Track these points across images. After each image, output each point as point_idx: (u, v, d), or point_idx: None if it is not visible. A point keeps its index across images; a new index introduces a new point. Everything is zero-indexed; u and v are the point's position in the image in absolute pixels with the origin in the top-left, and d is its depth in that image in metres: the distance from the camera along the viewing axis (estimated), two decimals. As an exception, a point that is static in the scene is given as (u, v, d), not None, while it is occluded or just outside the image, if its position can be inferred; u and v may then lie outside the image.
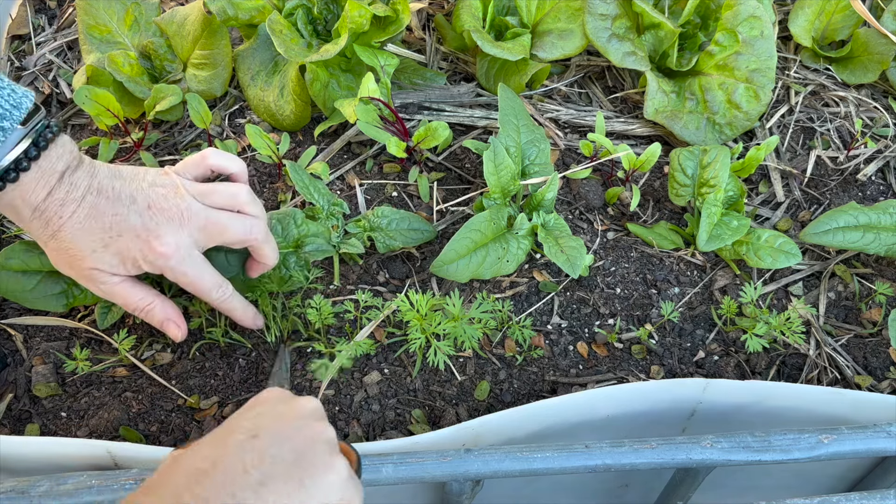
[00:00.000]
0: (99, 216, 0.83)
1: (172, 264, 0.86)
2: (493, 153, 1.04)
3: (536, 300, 1.06)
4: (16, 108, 0.77)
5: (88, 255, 0.84)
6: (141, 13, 1.29)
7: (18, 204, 0.80)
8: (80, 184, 0.82)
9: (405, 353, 1.00)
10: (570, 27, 1.27)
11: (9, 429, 0.93)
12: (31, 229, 0.83)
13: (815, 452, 0.83)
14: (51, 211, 0.81)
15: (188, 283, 0.89)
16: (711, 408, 0.92)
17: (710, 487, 0.97)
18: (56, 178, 0.81)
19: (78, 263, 0.85)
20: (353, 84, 1.22)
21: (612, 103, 1.33)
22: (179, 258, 0.86)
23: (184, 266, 0.87)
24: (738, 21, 1.23)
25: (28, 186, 0.79)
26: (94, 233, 0.83)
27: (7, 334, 1.01)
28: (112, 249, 0.84)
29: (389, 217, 1.08)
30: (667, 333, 1.05)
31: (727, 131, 1.24)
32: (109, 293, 0.88)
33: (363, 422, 0.95)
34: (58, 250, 0.84)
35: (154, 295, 0.91)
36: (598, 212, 1.17)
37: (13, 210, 0.81)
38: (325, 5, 1.23)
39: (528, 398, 0.99)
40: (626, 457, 0.81)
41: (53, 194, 0.81)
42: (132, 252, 0.84)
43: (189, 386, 0.97)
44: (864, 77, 1.36)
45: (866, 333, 1.08)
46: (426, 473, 0.78)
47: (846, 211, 1.08)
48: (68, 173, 0.82)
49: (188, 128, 1.25)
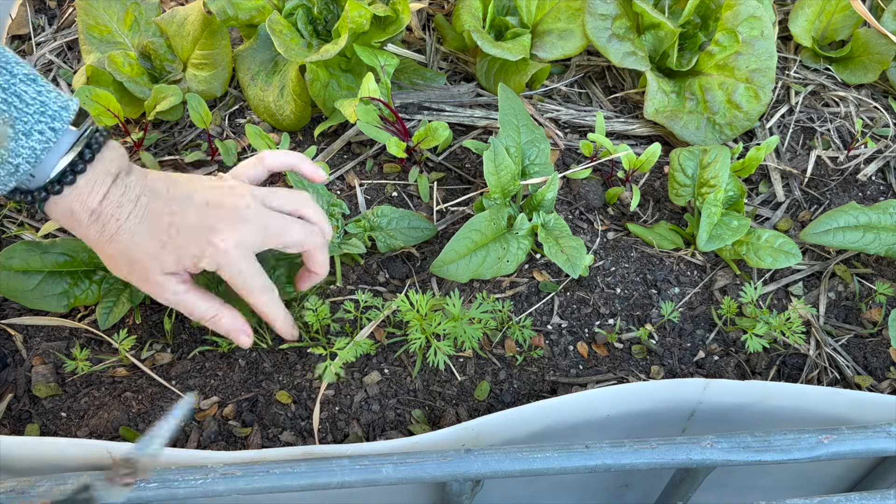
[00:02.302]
0: (156, 216, 0.82)
1: (231, 261, 0.84)
2: (493, 153, 1.04)
3: (536, 300, 1.06)
4: (64, 110, 0.77)
5: (148, 260, 0.83)
6: (141, 13, 1.29)
7: (76, 208, 0.79)
8: (135, 186, 0.82)
9: (405, 353, 1.00)
10: (570, 27, 1.27)
11: (9, 429, 0.93)
12: (89, 235, 0.82)
13: (815, 452, 0.83)
14: (107, 213, 0.80)
15: (241, 282, 0.86)
16: (711, 408, 0.92)
17: (710, 487, 0.97)
18: (110, 180, 0.80)
19: (140, 269, 0.84)
20: (353, 84, 1.22)
21: (612, 103, 1.33)
22: (238, 255, 0.84)
23: (241, 264, 0.85)
24: (738, 21, 1.23)
25: (84, 189, 0.79)
26: (152, 234, 0.82)
27: (7, 334, 1.01)
28: (170, 248, 0.83)
29: (389, 216, 1.08)
30: (667, 333, 1.05)
31: (727, 131, 1.24)
32: (176, 302, 0.86)
33: (363, 422, 0.95)
34: (117, 255, 0.83)
35: (221, 304, 0.89)
36: (598, 212, 1.17)
37: (71, 216, 0.80)
38: (325, 5, 1.23)
39: (528, 398, 0.99)
40: (626, 457, 0.81)
41: (109, 196, 0.80)
42: (190, 249, 0.83)
43: (189, 386, 0.97)
44: (864, 77, 1.36)
45: (866, 333, 1.08)
46: (426, 473, 0.78)
47: (846, 211, 1.08)
48: (122, 176, 0.81)
49: (188, 128, 1.25)
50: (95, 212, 0.80)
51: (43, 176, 0.77)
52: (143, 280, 0.85)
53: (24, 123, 0.74)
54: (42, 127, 0.75)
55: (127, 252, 0.82)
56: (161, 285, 0.85)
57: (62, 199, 0.79)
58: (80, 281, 1.00)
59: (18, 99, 0.74)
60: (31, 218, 1.14)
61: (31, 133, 0.74)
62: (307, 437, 0.93)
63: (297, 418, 0.95)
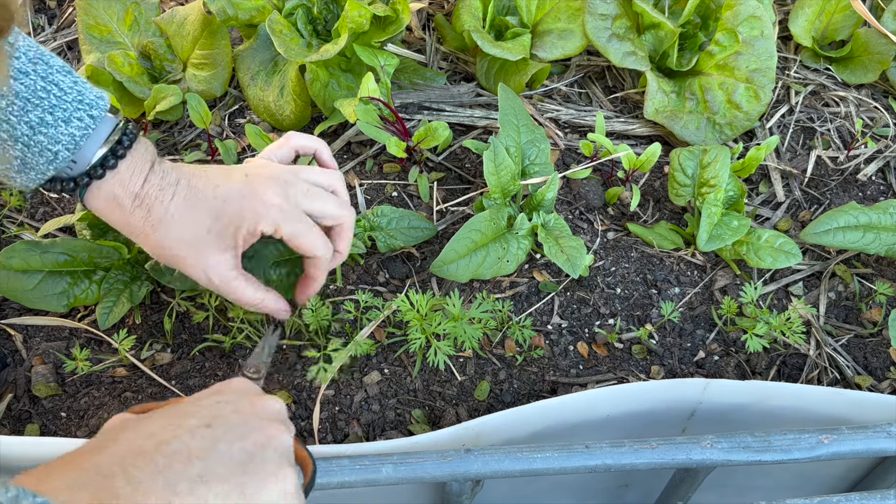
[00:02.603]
0: (199, 195, 0.83)
1: (288, 218, 0.84)
2: (493, 153, 1.04)
3: (536, 300, 1.06)
4: (100, 99, 0.79)
5: (201, 238, 0.83)
6: (141, 13, 1.29)
7: (119, 192, 0.80)
8: (171, 171, 0.83)
9: (405, 353, 1.00)
10: (570, 27, 1.27)
11: (9, 429, 0.93)
12: (133, 221, 0.82)
13: (815, 452, 0.83)
14: (151, 196, 0.81)
15: (297, 241, 0.86)
16: (711, 408, 0.92)
17: (710, 487, 0.97)
18: (148, 166, 0.82)
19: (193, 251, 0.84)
20: (353, 84, 1.22)
21: (612, 103, 1.33)
22: (291, 213, 0.85)
23: (297, 222, 0.85)
24: (738, 21, 1.23)
25: (125, 174, 0.80)
26: (202, 210, 0.83)
27: (7, 334, 1.01)
28: (224, 221, 0.83)
29: (389, 216, 1.08)
30: (667, 333, 1.05)
31: (727, 131, 1.24)
32: (226, 286, 0.86)
33: (363, 422, 0.95)
34: (165, 239, 0.83)
35: (264, 289, 0.90)
36: (598, 212, 1.17)
37: (114, 201, 0.81)
38: (325, 5, 1.23)
39: (528, 398, 0.99)
40: (626, 457, 0.81)
41: (149, 180, 0.81)
42: (245, 216, 0.83)
43: (189, 386, 0.97)
44: (864, 77, 1.36)
45: (866, 333, 1.08)
46: (426, 473, 0.78)
47: (846, 211, 1.08)
48: (157, 164, 0.83)
49: (188, 128, 1.25)
50: (139, 196, 0.81)
51: (84, 162, 0.79)
52: (194, 263, 0.84)
53: (62, 111, 0.76)
54: (81, 114, 0.77)
55: (177, 234, 0.83)
56: (214, 267, 0.84)
57: (104, 185, 0.80)
58: (80, 281, 1.00)
59: (57, 87, 0.76)
60: (31, 218, 1.14)
61: (71, 120, 0.77)
62: (307, 437, 0.93)
63: (297, 418, 0.95)
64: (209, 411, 0.63)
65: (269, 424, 0.64)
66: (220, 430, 0.61)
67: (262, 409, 0.66)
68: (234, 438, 0.61)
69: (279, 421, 0.66)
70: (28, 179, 0.78)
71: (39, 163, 0.77)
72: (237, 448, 0.60)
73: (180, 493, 0.54)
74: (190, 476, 0.56)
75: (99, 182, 0.80)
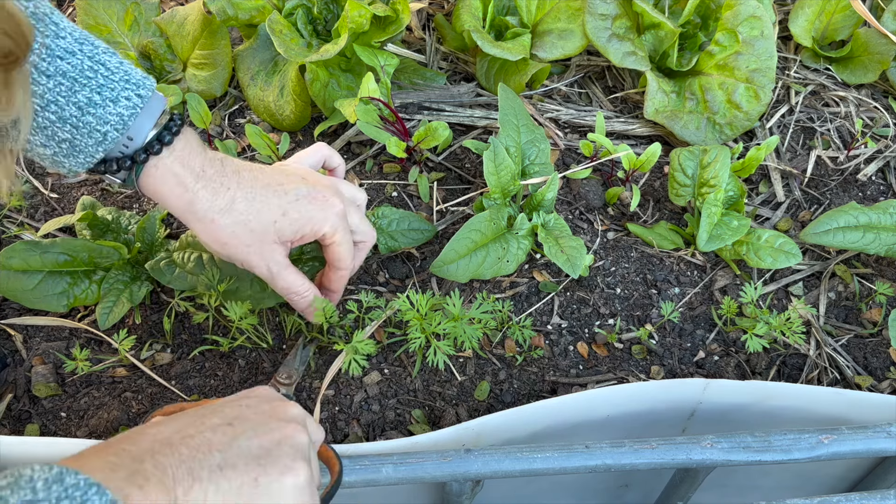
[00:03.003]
0: (268, 189, 0.85)
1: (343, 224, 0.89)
2: (493, 153, 1.04)
3: (536, 300, 1.06)
4: (146, 79, 0.79)
5: (266, 228, 0.85)
6: (141, 13, 1.29)
7: (179, 171, 0.81)
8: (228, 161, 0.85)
9: (405, 353, 1.00)
10: (570, 27, 1.27)
11: (9, 429, 0.93)
12: (198, 203, 0.82)
13: (815, 452, 0.83)
14: (215, 181, 0.82)
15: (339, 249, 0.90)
16: (711, 408, 0.92)
17: (710, 487, 0.97)
18: (201, 149, 0.83)
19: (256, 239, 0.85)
20: (353, 84, 1.22)
21: (612, 103, 1.33)
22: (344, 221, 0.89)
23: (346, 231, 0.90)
24: (738, 21, 1.23)
25: (183, 152, 0.81)
26: (267, 205, 0.85)
27: (7, 334, 1.01)
28: (291, 215, 0.86)
29: (390, 217, 1.08)
30: (667, 333, 1.05)
31: (727, 131, 1.24)
32: (279, 273, 0.89)
33: (363, 422, 0.95)
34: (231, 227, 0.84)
35: (310, 283, 0.93)
36: (598, 212, 1.17)
37: (174, 180, 0.81)
38: (325, 5, 1.23)
39: (528, 398, 0.99)
40: (626, 457, 0.81)
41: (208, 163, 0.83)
42: (312, 215, 0.87)
43: (189, 386, 0.97)
44: (864, 77, 1.36)
45: (866, 333, 1.08)
46: (426, 473, 0.78)
47: (846, 211, 1.08)
48: (207, 151, 0.84)
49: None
50: (202, 176, 0.82)
51: (141, 138, 0.78)
52: (258, 252, 0.87)
53: (111, 90, 0.76)
54: (129, 94, 0.77)
55: (245, 222, 0.84)
56: (271, 255, 0.87)
57: (161, 162, 0.80)
58: (80, 280, 1.00)
59: (104, 67, 0.76)
60: (31, 218, 1.14)
61: (119, 100, 0.76)
62: (307, 437, 0.93)
63: (297, 418, 0.94)
64: (232, 412, 0.68)
65: (286, 425, 0.68)
66: (241, 428, 0.66)
67: (283, 412, 0.70)
68: (253, 435, 0.66)
69: (297, 422, 0.70)
70: (77, 163, 0.78)
71: (88, 144, 0.76)
72: (255, 444, 0.65)
73: (201, 479, 0.60)
74: (210, 465, 0.61)
75: (156, 159, 0.79)
